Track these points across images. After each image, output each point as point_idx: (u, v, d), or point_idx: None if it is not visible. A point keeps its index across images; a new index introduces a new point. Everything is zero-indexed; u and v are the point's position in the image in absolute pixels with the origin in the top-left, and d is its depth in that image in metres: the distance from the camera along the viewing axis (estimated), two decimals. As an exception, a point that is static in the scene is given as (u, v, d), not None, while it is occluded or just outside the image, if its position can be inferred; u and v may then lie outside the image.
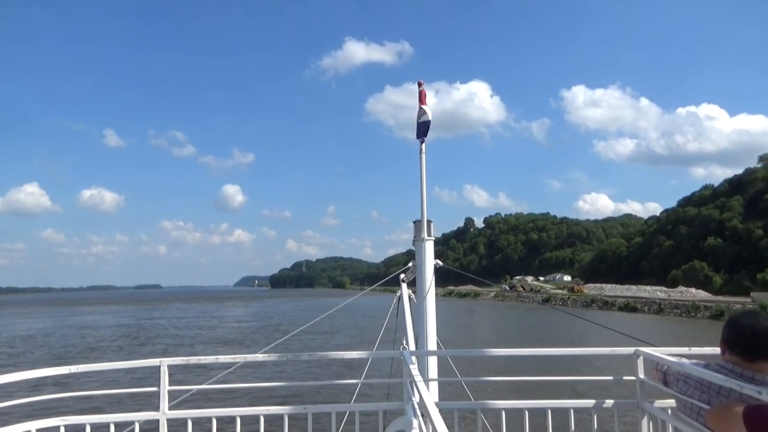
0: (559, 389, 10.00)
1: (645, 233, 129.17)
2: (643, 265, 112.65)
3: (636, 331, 35.83)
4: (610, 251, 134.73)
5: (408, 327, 5.38)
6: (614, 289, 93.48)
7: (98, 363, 4.77)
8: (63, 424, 3.65)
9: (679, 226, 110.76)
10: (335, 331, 41.06)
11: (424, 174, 5.64)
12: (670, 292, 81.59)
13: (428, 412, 2.25)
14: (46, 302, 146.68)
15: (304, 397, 13.73)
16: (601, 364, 16.37)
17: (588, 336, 30.11)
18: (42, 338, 41.69)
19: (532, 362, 16.91)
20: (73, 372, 3.90)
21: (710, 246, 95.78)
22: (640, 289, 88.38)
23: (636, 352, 3.57)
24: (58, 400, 3.94)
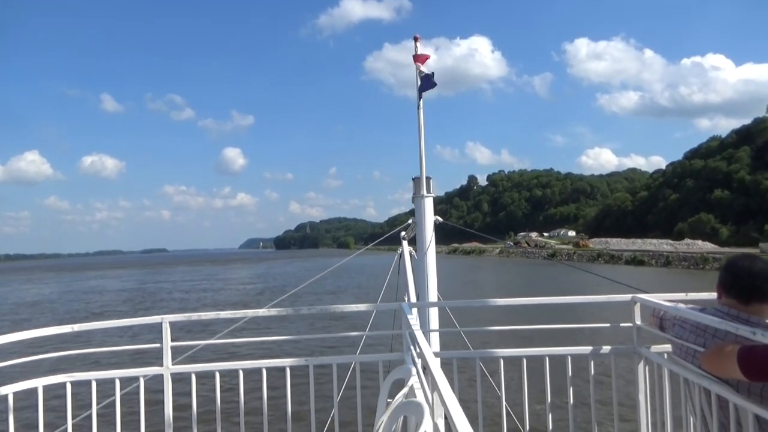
0: (558, 337, 10.36)
1: (650, 187, 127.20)
2: (649, 219, 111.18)
3: (643, 284, 35.24)
4: (615, 206, 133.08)
5: (409, 282, 5.36)
6: (619, 243, 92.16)
7: (101, 321, 4.27)
8: (69, 380, 3.69)
9: (685, 179, 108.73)
10: (340, 290, 40.25)
11: (423, 130, 5.54)
12: (677, 244, 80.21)
13: (426, 360, 2.28)
14: (52, 268, 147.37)
15: (307, 351, 13.81)
16: (599, 312, 15.74)
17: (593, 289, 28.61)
18: (47, 304, 41.16)
19: (531, 312, 16.92)
20: (77, 330, 3.86)
21: (717, 198, 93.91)
22: (645, 243, 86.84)
23: (633, 299, 3.58)
24: (63, 358, 4.05)
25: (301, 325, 21.14)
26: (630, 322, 3.63)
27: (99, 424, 3.70)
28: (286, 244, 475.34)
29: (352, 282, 46.05)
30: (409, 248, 6.26)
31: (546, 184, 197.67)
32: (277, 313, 4.37)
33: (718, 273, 2.61)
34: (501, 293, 38.05)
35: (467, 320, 15.78)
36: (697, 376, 2.58)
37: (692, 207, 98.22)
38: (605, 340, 3.85)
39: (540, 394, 3.73)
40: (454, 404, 1.61)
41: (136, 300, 40.89)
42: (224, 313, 4.20)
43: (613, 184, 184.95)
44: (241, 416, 3.78)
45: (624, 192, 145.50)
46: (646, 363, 3.53)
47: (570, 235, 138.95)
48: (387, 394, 2.91)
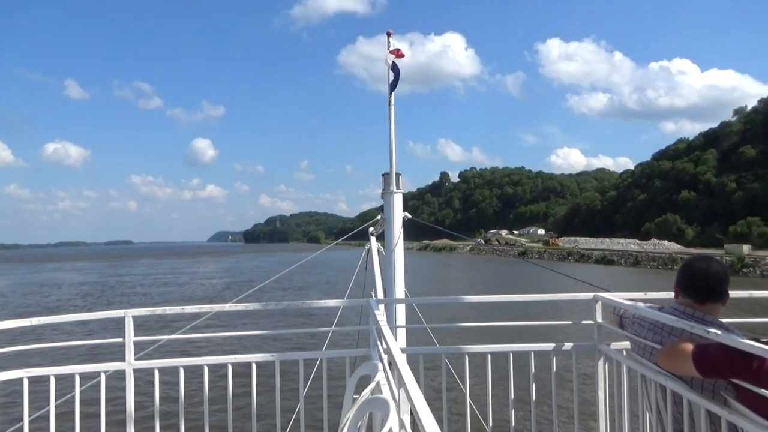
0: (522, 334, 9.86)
1: (619, 187, 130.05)
2: (617, 219, 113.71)
3: (613, 284, 36.29)
4: (585, 205, 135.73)
5: (377, 278, 5.47)
6: (588, 242, 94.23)
7: (61, 315, 4.13)
8: (27, 376, 3.59)
9: (653, 179, 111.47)
10: (308, 286, 40.00)
11: (393, 126, 5.55)
12: (643, 244, 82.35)
13: (393, 356, 2.26)
14: (9, 259, 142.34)
15: (274, 347, 13.74)
16: (563, 310, 16.95)
17: (560, 287, 29.18)
18: (2, 297, 39.46)
19: (497, 310, 17.68)
20: (35, 324, 3.77)
21: (684, 199, 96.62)
22: (613, 242, 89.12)
23: (595, 297, 3.67)
24: (20, 352, 3.83)
25: (269, 321, 20.97)
26: (591, 320, 3.72)
27: (57, 421, 3.61)
28: (256, 237, 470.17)
29: (322, 277, 45.76)
30: (377, 244, 6.27)
31: (517, 182, 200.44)
32: (244, 308, 4.30)
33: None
34: (470, 291, 38.51)
35: (434, 317, 16.87)
36: (653, 372, 2.67)
37: (659, 207, 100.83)
38: (568, 337, 3.94)
39: (504, 390, 3.82)
40: (420, 400, 1.62)
41: (95, 294, 39.72)
42: (189, 307, 4.17)
43: (582, 183, 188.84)
44: (205, 412, 3.75)
45: (593, 191, 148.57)
46: (605, 360, 3.63)
47: (540, 233, 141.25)
48: (353, 390, 2.90)
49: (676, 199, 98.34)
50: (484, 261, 78.71)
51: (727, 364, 2.20)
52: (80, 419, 3.70)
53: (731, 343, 2.14)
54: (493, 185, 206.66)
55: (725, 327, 2.41)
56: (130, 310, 3.72)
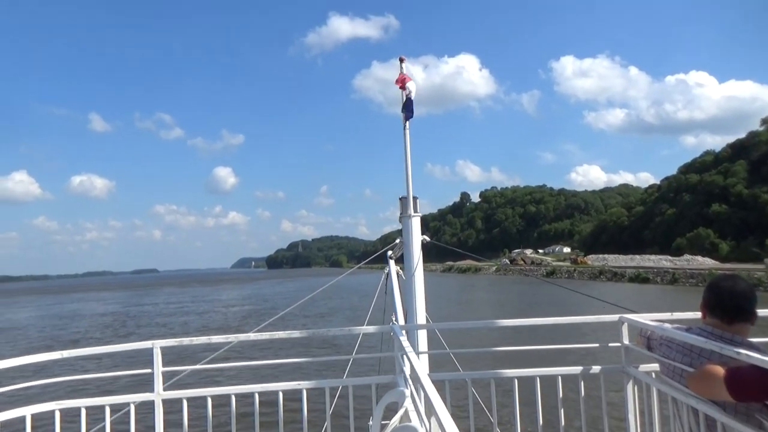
0: (548, 358, 9.91)
1: (646, 202, 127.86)
2: (646, 235, 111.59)
3: (655, 304, 35.12)
4: (611, 221, 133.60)
5: (397, 303, 5.46)
6: (618, 260, 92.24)
7: (90, 348, 4.21)
8: (58, 408, 3.68)
9: (681, 193, 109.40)
10: (331, 312, 39.81)
11: (409, 150, 5.63)
12: (676, 260, 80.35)
13: (420, 382, 2.28)
14: (36, 290, 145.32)
15: (298, 375, 13.47)
16: (589, 333, 16.79)
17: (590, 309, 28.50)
18: (18, 331, 39.64)
19: (522, 334, 17.59)
20: (65, 357, 3.88)
21: (715, 213, 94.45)
22: (644, 259, 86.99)
23: (621, 319, 3.66)
24: (51, 385, 3.99)
25: (293, 349, 21.00)
26: (618, 342, 3.70)
27: None
28: (279, 263, 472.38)
29: (345, 303, 45.54)
30: (396, 267, 6.24)
31: (539, 200, 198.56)
32: (269, 337, 4.35)
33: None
34: (496, 314, 37.86)
35: (457, 341, 15.90)
36: (684, 395, 2.64)
37: (690, 221, 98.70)
38: (595, 360, 3.92)
39: (532, 416, 3.79)
40: (452, 429, 1.62)
41: (115, 325, 39.77)
42: (216, 337, 4.24)
43: (606, 199, 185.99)
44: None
45: (619, 207, 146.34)
46: (634, 382, 3.60)
47: (565, 251, 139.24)
48: (380, 418, 2.90)
49: (706, 212, 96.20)
50: (511, 282, 77.16)
51: (760, 386, 2.19)
52: None
53: (763, 365, 2.12)
54: (515, 204, 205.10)
55: (756, 347, 2.38)
56: (157, 341, 3.79)
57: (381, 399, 3.10)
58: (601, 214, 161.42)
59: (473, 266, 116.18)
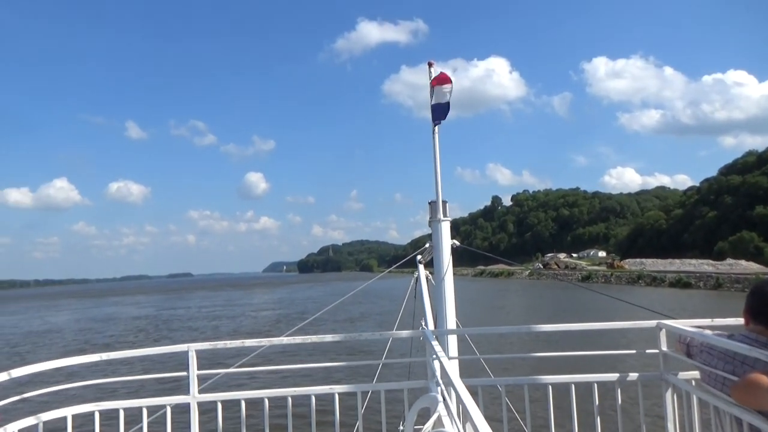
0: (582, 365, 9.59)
1: (685, 205, 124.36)
2: (685, 238, 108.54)
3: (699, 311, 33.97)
4: (648, 224, 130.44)
5: (426, 308, 5.39)
6: (656, 264, 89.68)
7: (127, 350, 4.38)
8: (97, 410, 3.81)
9: (722, 195, 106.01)
10: (362, 317, 39.84)
11: (438, 155, 5.61)
12: (718, 265, 77.44)
13: (455, 388, 2.29)
14: (75, 294, 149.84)
15: (328, 378, 14.13)
16: (625, 339, 16.60)
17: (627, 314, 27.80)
18: (55, 333, 40.58)
19: (556, 339, 17.38)
20: (104, 359, 4.02)
21: (759, 215, 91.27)
22: (684, 263, 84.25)
23: (658, 325, 3.59)
24: (89, 386, 4.17)
25: (323, 353, 21.01)
26: (656, 348, 3.63)
27: None
28: (309, 267, 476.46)
29: (375, 308, 45.47)
30: (426, 272, 6.20)
31: (573, 203, 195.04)
32: (301, 341, 4.48)
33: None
34: (528, 319, 37.40)
35: (488, 348, 16.15)
36: (727, 404, 2.55)
37: (732, 224, 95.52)
38: (632, 367, 3.83)
39: (567, 423, 3.72)
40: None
41: (149, 329, 40.40)
42: (249, 341, 4.33)
43: (643, 202, 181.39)
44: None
45: (656, 210, 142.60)
46: (673, 390, 3.52)
47: (600, 255, 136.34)
48: (413, 423, 2.88)
49: (750, 215, 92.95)
50: (544, 286, 75.82)
51: None
52: None
53: None
54: (547, 207, 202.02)
55: None
56: (193, 344, 3.89)
57: (413, 404, 3.08)
58: (638, 217, 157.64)
59: (506, 270, 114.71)
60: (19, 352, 30.76)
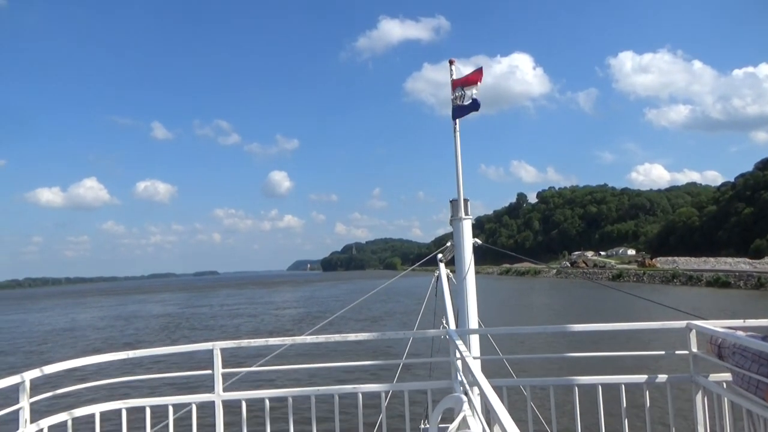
0: (610, 366, 10.34)
1: (719, 201, 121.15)
2: (720, 236, 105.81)
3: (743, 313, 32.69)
4: (680, 222, 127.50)
5: (448, 306, 5.41)
6: (689, 262, 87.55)
7: (153, 348, 4.58)
8: (124, 407, 3.92)
9: (759, 191, 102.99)
10: (384, 316, 39.72)
11: (459, 153, 5.68)
12: (756, 263, 75.04)
13: (480, 388, 2.30)
14: (103, 292, 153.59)
15: (347, 377, 14.32)
16: (654, 340, 16.17)
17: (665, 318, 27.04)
18: (78, 331, 41.11)
19: (580, 341, 16.58)
20: (130, 357, 4.14)
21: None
22: (719, 261, 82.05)
23: (688, 326, 3.51)
24: (116, 383, 4.25)
25: (346, 351, 20.83)
26: (685, 350, 3.57)
27: None
28: (333, 265, 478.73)
29: (398, 306, 45.34)
30: (447, 270, 6.23)
31: (601, 200, 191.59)
32: (325, 340, 4.55)
33: None
34: (554, 320, 36.92)
35: (509, 348, 16.09)
36: (762, 408, 2.48)
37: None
38: (660, 369, 3.83)
39: (593, 425, 3.69)
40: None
41: (170, 327, 40.61)
42: (273, 339, 4.43)
43: (674, 199, 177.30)
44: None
45: (689, 207, 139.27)
46: (704, 393, 3.45)
47: (630, 253, 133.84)
48: (437, 423, 2.89)
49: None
50: (572, 285, 74.55)
51: None
52: None
53: None
54: (574, 204, 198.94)
55: None
56: (217, 342, 3.96)
57: (438, 404, 3.08)
58: (669, 214, 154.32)
59: (532, 269, 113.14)
60: (40, 350, 31.24)
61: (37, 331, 43.37)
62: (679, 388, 3.68)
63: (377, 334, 4.75)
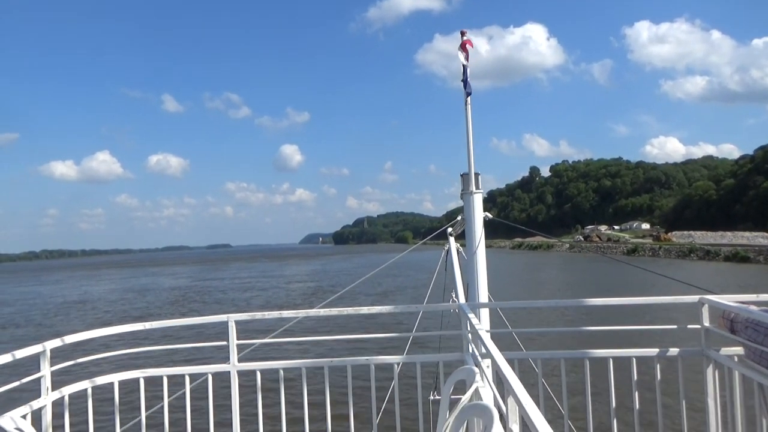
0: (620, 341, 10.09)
1: (737, 174, 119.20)
2: (737, 210, 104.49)
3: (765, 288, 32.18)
4: (697, 195, 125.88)
5: (457, 280, 5.46)
6: (705, 237, 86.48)
7: (170, 320, 4.70)
8: (142, 376, 4.07)
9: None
10: (395, 290, 39.82)
11: (470, 127, 5.64)
12: (774, 238, 73.99)
13: (494, 360, 2.38)
14: (118, 264, 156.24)
15: (359, 349, 14.53)
16: (666, 315, 16.15)
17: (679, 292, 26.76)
18: (89, 303, 41.64)
19: (591, 316, 16.77)
20: (147, 328, 4.30)
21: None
22: (736, 236, 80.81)
23: (701, 300, 3.54)
24: (134, 354, 4.41)
25: (357, 324, 21.04)
26: (698, 324, 3.58)
27: (170, 418, 4.11)
28: (345, 239, 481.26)
29: (408, 281, 45.28)
30: (456, 244, 6.25)
31: (615, 173, 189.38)
32: (337, 313, 4.63)
33: None
34: (567, 294, 36.46)
35: (520, 322, 16.16)
36: None
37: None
38: (672, 343, 3.77)
39: (604, 398, 3.75)
40: (535, 413, 1.62)
41: (180, 301, 40.41)
42: (286, 312, 4.54)
43: (690, 172, 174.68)
44: (305, 412, 4.06)
45: (705, 180, 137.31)
46: (715, 366, 3.47)
47: (644, 228, 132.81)
48: (449, 395, 2.95)
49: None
50: (586, 260, 73.99)
51: None
52: (191, 416, 4.13)
53: None
54: (588, 178, 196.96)
55: None
56: (232, 315, 4.08)
57: (450, 376, 3.14)
58: (685, 188, 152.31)
59: (544, 243, 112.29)
60: (50, 323, 31.43)
61: (50, 303, 44.05)
62: (690, 361, 3.68)
63: (389, 308, 4.80)
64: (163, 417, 4.10)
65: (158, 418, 4.13)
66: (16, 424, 3.05)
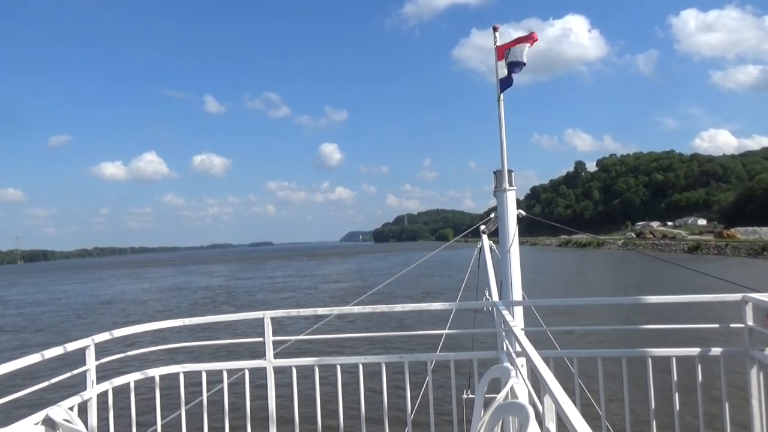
0: (659, 339, 9.97)
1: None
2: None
3: None
4: (760, 189, 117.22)
5: (491, 278, 5.43)
6: (774, 233, 79.10)
7: (208, 316, 4.75)
8: (182, 371, 4.17)
9: None
10: (438, 292, 37.66)
11: (503, 124, 5.52)
12: None
13: (530, 359, 2.40)
14: (161, 262, 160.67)
15: (392, 347, 14.96)
16: (707, 313, 15.82)
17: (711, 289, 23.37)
18: (116, 303, 41.26)
19: (628, 315, 16.52)
20: (186, 324, 4.31)
21: None
22: (809, 232, 73.68)
23: (744, 299, 3.47)
24: (172, 349, 4.58)
25: (390, 322, 21.15)
26: (741, 323, 3.49)
27: (208, 412, 4.16)
28: (385, 236, 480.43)
29: (445, 281, 42.83)
30: (489, 242, 6.19)
31: (667, 167, 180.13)
32: (372, 311, 4.62)
33: None
34: (612, 294, 34.28)
35: (555, 321, 16.15)
36: None
37: None
38: (714, 342, 3.72)
39: (642, 398, 3.68)
40: (573, 413, 1.59)
41: (206, 303, 38.64)
42: (321, 309, 4.67)
43: (749, 165, 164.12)
44: (339, 409, 4.06)
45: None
46: (760, 367, 3.38)
47: (700, 223, 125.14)
48: (484, 393, 2.87)
49: None
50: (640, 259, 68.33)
51: None
52: (228, 410, 4.22)
53: None
54: (638, 172, 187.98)
55: None
56: (268, 311, 4.14)
57: (484, 374, 3.09)
58: (745, 181, 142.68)
59: (594, 241, 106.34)
60: (68, 327, 30.16)
61: (85, 302, 43.56)
62: (733, 362, 3.55)
63: (422, 305, 4.71)
64: (202, 410, 4.16)
65: (197, 411, 4.20)
66: (64, 416, 3.14)
